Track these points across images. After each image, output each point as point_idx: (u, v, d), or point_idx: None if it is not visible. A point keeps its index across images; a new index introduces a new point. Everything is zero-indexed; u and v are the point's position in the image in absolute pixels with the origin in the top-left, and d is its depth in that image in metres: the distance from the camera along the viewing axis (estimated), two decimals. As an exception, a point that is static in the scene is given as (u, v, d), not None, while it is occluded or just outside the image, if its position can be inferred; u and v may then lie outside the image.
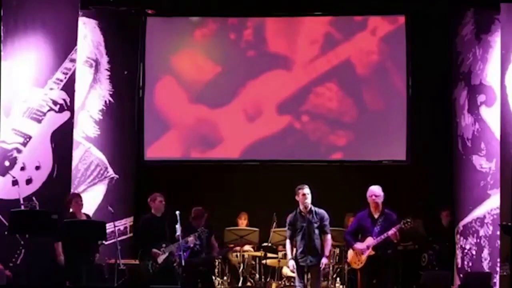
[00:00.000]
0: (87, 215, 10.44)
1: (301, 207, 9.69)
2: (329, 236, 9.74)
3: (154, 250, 10.20)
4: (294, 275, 9.90)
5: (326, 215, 9.74)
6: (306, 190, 9.67)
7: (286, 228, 9.89)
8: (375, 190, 9.71)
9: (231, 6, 11.91)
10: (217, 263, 11.31)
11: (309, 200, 9.65)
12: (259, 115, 12.19)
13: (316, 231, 9.65)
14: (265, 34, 12.21)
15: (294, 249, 9.71)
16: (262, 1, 11.89)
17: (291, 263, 9.74)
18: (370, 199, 9.69)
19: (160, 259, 10.24)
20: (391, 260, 9.62)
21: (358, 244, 9.64)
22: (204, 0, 12.02)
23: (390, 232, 9.41)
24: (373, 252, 9.50)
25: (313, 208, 9.71)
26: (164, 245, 10.24)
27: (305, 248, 9.64)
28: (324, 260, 9.64)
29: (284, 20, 12.24)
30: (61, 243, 10.03)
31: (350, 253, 9.77)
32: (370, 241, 9.51)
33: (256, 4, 11.88)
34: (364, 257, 9.54)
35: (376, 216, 9.63)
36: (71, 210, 10.22)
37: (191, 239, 10.28)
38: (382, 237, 9.44)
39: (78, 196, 10.42)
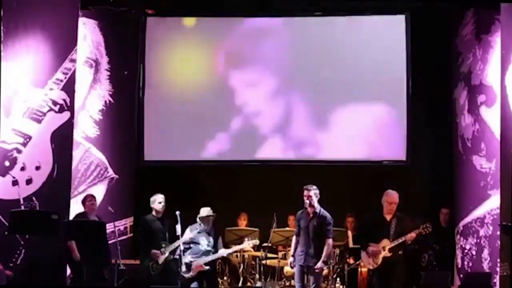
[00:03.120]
0: (98, 217, 10.50)
1: (306, 206, 9.74)
2: (330, 241, 9.76)
3: (154, 251, 10.21)
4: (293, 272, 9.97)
5: (329, 220, 9.76)
6: (311, 192, 9.71)
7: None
8: (394, 196, 9.67)
9: (232, 6, 11.91)
10: (217, 263, 11.30)
11: (313, 201, 9.67)
12: (259, 115, 12.19)
13: (315, 234, 9.67)
14: (266, 34, 12.21)
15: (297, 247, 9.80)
16: (262, 1, 11.88)
17: (290, 259, 9.88)
18: (386, 204, 9.65)
19: (160, 259, 10.25)
20: (404, 261, 9.65)
21: (373, 246, 9.62)
22: (204, 0, 12.01)
23: (408, 236, 9.43)
24: (389, 254, 9.50)
25: (318, 210, 9.72)
26: (164, 245, 10.25)
27: (303, 248, 9.69)
28: (319, 264, 9.65)
29: (285, 20, 12.24)
30: (74, 242, 10.05)
31: (364, 254, 9.74)
32: (386, 243, 9.51)
33: (257, 4, 11.88)
34: (379, 259, 9.54)
35: (388, 218, 9.63)
36: (84, 209, 10.30)
37: (186, 233, 10.30)
38: (400, 240, 9.45)
39: (92, 197, 10.52)
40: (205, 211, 10.50)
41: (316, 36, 12.16)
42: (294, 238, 9.95)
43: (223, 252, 10.66)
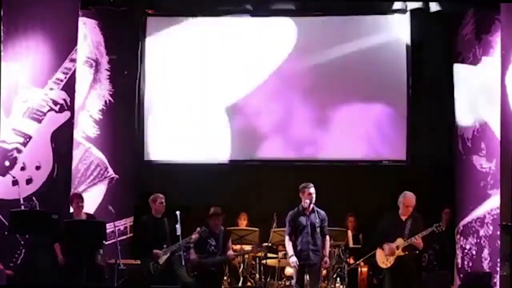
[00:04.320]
0: (89, 215, 10.46)
1: (304, 204, 9.70)
2: (328, 238, 9.88)
3: (156, 251, 10.20)
4: (293, 273, 9.93)
5: (326, 217, 9.83)
6: (312, 189, 9.72)
7: (286, 225, 9.89)
8: (412, 199, 9.65)
9: (232, 5, 11.91)
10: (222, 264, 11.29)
11: (313, 199, 9.68)
12: (259, 115, 12.19)
13: (317, 230, 9.68)
14: (266, 34, 12.21)
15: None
16: (262, 1, 11.88)
17: (294, 259, 9.76)
18: (403, 206, 9.61)
19: (162, 259, 10.24)
20: (418, 261, 9.67)
21: (388, 245, 9.57)
22: (204, 0, 12.02)
23: (413, 240, 9.40)
24: (402, 253, 9.47)
25: (315, 208, 9.74)
26: (165, 246, 10.24)
27: (305, 247, 9.65)
28: (326, 260, 9.77)
29: (285, 20, 12.23)
30: (59, 244, 10.03)
31: (380, 252, 9.70)
32: (400, 242, 9.49)
33: (257, 4, 11.88)
34: (393, 258, 9.51)
35: (404, 218, 9.61)
36: (71, 210, 10.26)
37: (194, 237, 10.29)
38: (413, 239, 9.42)
39: (78, 197, 10.44)
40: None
41: (316, 36, 12.16)
42: (287, 239, 9.87)
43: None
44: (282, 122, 12.17)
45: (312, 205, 9.73)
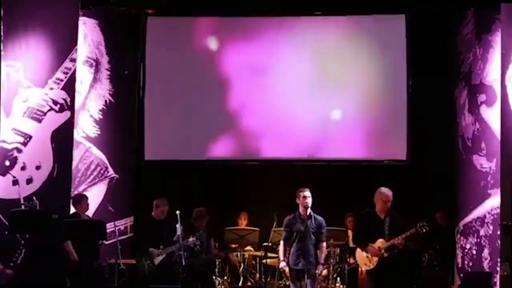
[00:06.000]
0: (87, 216, 10.48)
1: (300, 210, 9.63)
2: (324, 244, 9.72)
3: (152, 249, 10.19)
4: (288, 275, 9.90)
5: (324, 223, 9.68)
6: (307, 192, 9.61)
7: (283, 230, 9.84)
8: (389, 194, 9.45)
9: (232, 5, 11.92)
10: (217, 262, 11.30)
11: (309, 203, 9.59)
12: (259, 115, 12.19)
13: (313, 237, 9.57)
14: (265, 34, 12.21)
15: (288, 252, 9.62)
16: (263, 1, 11.89)
17: (283, 264, 9.72)
18: (381, 202, 9.43)
19: (157, 260, 10.23)
20: (402, 260, 9.49)
21: (370, 246, 9.39)
22: (204, 0, 12.03)
23: (396, 241, 9.22)
24: (385, 254, 9.28)
25: (312, 213, 9.66)
26: (161, 247, 10.24)
27: (301, 252, 9.56)
28: (320, 268, 9.61)
29: (285, 20, 12.24)
30: (70, 242, 10.00)
31: (360, 254, 9.57)
32: (381, 243, 9.32)
33: (257, 4, 11.88)
34: (376, 259, 9.35)
35: (382, 216, 9.43)
36: (75, 210, 10.26)
37: (191, 239, 10.29)
38: (395, 240, 9.23)
39: (86, 197, 10.45)
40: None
41: (316, 36, 12.16)
42: (282, 243, 9.76)
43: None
44: (282, 122, 12.16)
45: (309, 211, 9.63)
